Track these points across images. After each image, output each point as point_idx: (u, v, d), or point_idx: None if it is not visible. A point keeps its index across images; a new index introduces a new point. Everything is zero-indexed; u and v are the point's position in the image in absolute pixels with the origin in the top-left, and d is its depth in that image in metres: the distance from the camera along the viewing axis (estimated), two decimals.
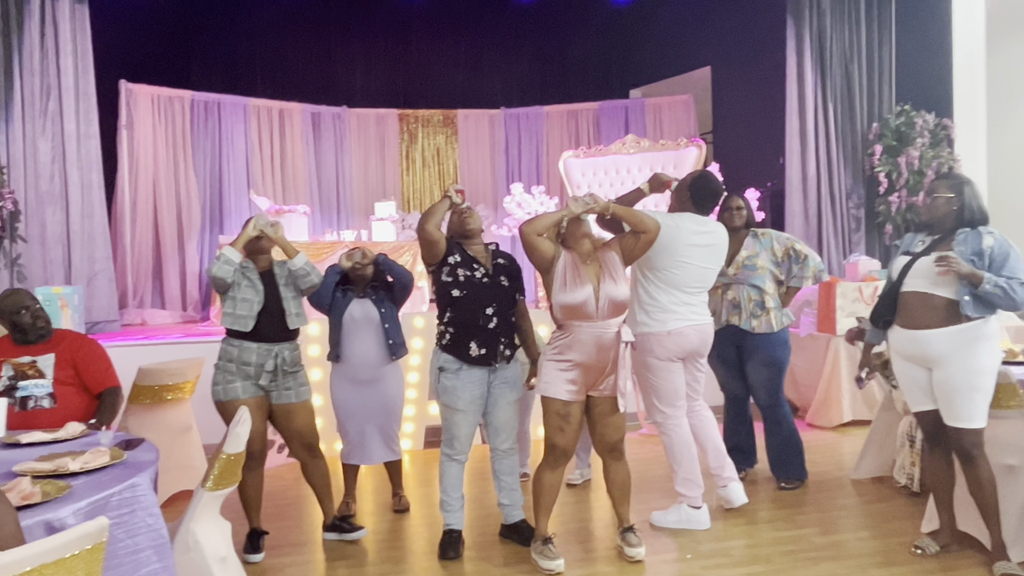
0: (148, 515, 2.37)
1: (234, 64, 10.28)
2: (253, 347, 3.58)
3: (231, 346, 3.60)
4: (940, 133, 7.33)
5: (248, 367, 3.58)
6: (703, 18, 9.46)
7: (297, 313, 3.70)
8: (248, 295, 3.58)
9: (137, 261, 8.58)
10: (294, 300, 3.71)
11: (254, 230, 3.63)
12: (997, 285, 3.09)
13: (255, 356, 3.58)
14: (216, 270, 3.49)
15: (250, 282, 3.61)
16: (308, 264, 3.72)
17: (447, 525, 3.68)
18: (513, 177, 10.47)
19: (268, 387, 3.62)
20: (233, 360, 3.58)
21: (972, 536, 3.46)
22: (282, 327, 3.66)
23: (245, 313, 3.56)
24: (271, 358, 3.60)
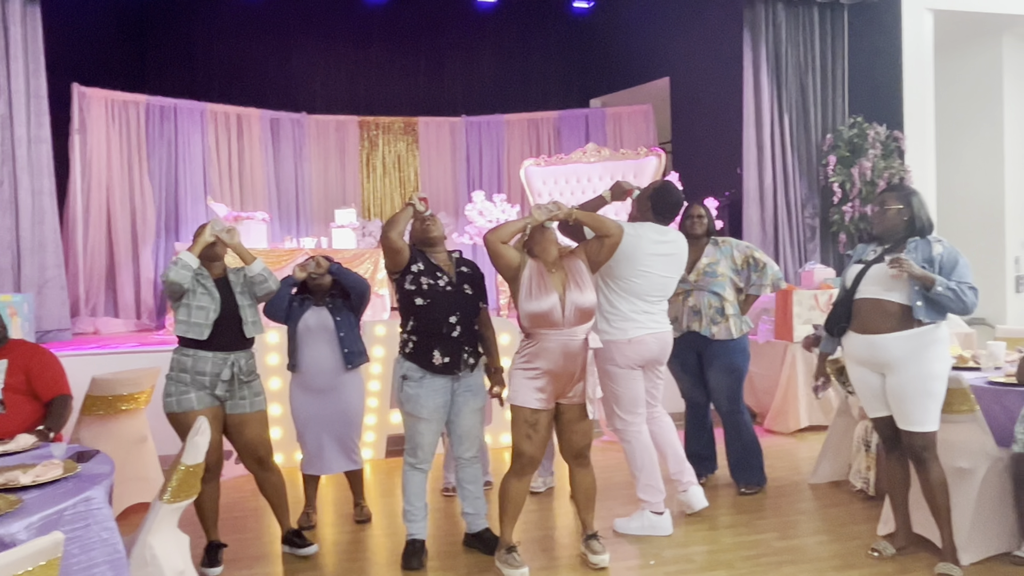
0: (103, 529, 2.31)
1: (191, 68, 10.12)
2: (208, 356, 3.48)
3: (184, 356, 3.49)
4: (891, 145, 7.52)
5: (203, 376, 3.48)
6: (662, 30, 9.59)
7: (253, 321, 3.62)
8: (204, 302, 3.48)
9: (89, 268, 8.37)
10: (250, 308, 3.62)
11: (210, 235, 3.53)
12: (948, 288, 3.19)
13: (210, 365, 3.48)
14: (173, 275, 3.38)
15: (205, 289, 3.51)
16: (265, 270, 3.64)
17: (410, 535, 3.65)
18: (474, 185, 10.47)
19: (223, 396, 3.54)
20: (187, 370, 3.48)
21: (927, 538, 3.54)
22: (238, 335, 3.57)
23: (201, 321, 3.46)
24: (227, 367, 3.51)
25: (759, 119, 7.70)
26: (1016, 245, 8.45)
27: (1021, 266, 8.48)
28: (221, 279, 3.62)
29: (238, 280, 3.65)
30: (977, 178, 8.46)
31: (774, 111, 7.73)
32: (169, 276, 3.39)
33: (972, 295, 3.22)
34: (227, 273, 3.66)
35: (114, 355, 5.75)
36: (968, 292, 3.21)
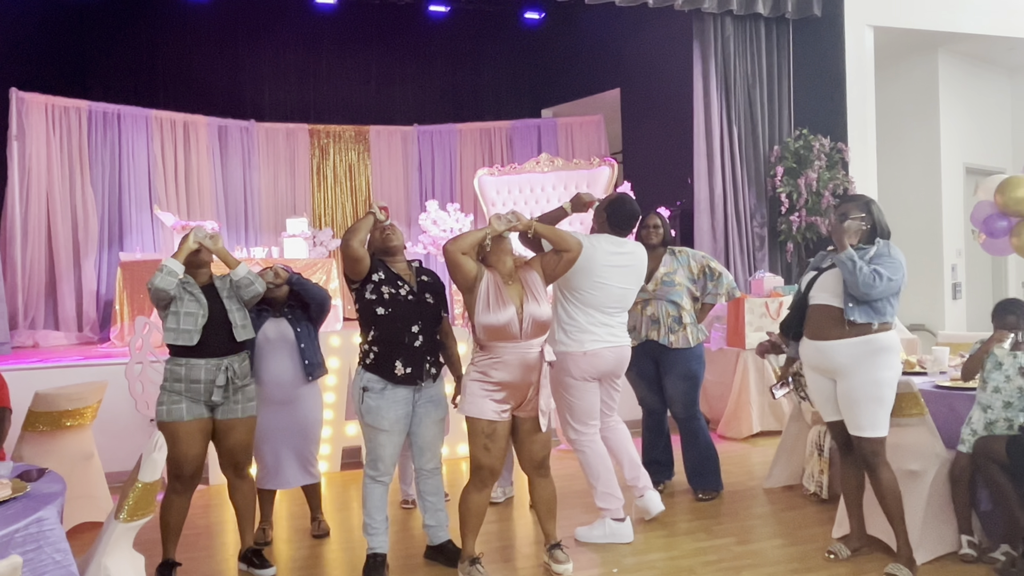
0: (56, 551, 2.22)
1: (136, 74, 9.88)
2: (200, 363, 3.45)
3: (177, 365, 3.45)
4: (835, 156, 7.72)
5: (197, 385, 3.44)
6: (613, 41, 9.70)
7: (243, 325, 3.59)
8: (191, 308, 3.46)
9: (28, 280, 8.08)
10: (239, 312, 3.60)
11: (193, 242, 3.51)
12: (850, 259, 3.28)
13: (203, 373, 3.45)
14: (159, 282, 3.36)
15: (192, 296, 3.49)
16: (251, 273, 3.62)
17: (371, 549, 3.59)
18: (426, 194, 10.44)
19: (219, 402, 3.50)
20: (181, 380, 3.44)
21: (881, 540, 3.63)
22: (229, 340, 3.54)
23: (190, 327, 3.43)
24: (221, 372, 3.48)
25: (709, 130, 7.83)
26: (953, 253, 8.77)
27: (958, 274, 8.80)
28: (207, 286, 3.60)
29: (224, 286, 3.63)
30: (915, 188, 8.76)
31: (723, 122, 7.87)
32: (155, 283, 3.36)
33: (870, 276, 3.24)
34: (213, 280, 3.64)
35: (57, 369, 5.55)
36: (865, 270, 3.25)
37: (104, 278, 8.63)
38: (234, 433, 3.58)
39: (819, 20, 7.92)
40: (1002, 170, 7.94)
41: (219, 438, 3.58)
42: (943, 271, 8.62)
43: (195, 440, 3.47)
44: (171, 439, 3.38)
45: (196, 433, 3.47)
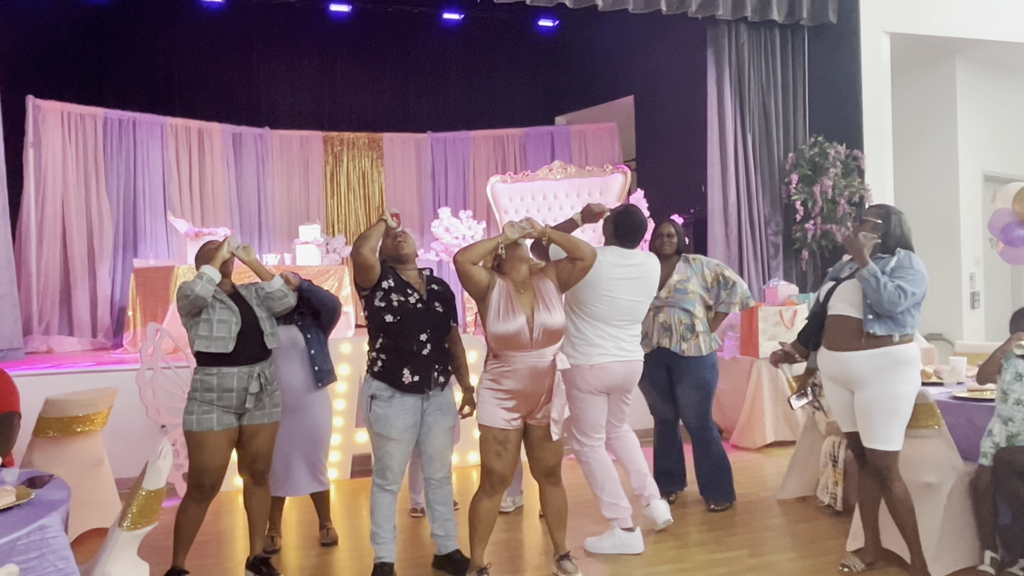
0: (59, 559, 2.21)
1: (151, 82, 9.94)
2: (233, 372, 3.45)
3: (208, 375, 3.44)
4: (851, 164, 7.65)
5: (230, 394, 3.44)
6: (626, 48, 9.68)
7: (272, 333, 3.62)
8: (224, 316, 3.46)
9: (43, 285, 8.13)
10: (268, 320, 3.62)
11: (227, 252, 3.53)
12: (873, 275, 3.21)
13: (236, 381, 3.45)
14: (200, 289, 3.36)
15: (224, 304, 3.49)
16: (285, 286, 3.65)
17: (379, 558, 3.56)
18: (439, 202, 10.43)
19: (251, 408, 3.50)
20: (213, 389, 3.43)
21: (897, 553, 3.57)
22: (261, 347, 3.56)
23: (224, 335, 3.43)
24: (254, 379, 3.49)
25: (723, 137, 7.79)
26: (971, 262, 8.66)
27: (976, 282, 8.68)
28: (233, 294, 3.61)
29: (250, 295, 3.65)
30: (933, 196, 8.66)
31: (737, 130, 7.82)
32: (196, 291, 3.35)
33: (895, 293, 3.19)
34: (236, 288, 3.65)
35: (69, 375, 5.56)
36: (890, 286, 3.19)
37: (118, 284, 8.66)
38: (259, 438, 3.58)
39: (834, 27, 7.86)
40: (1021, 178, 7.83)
41: (243, 443, 3.58)
42: (961, 280, 8.51)
43: (222, 450, 3.47)
44: (198, 448, 3.40)
45: (224, 443, 3.47)
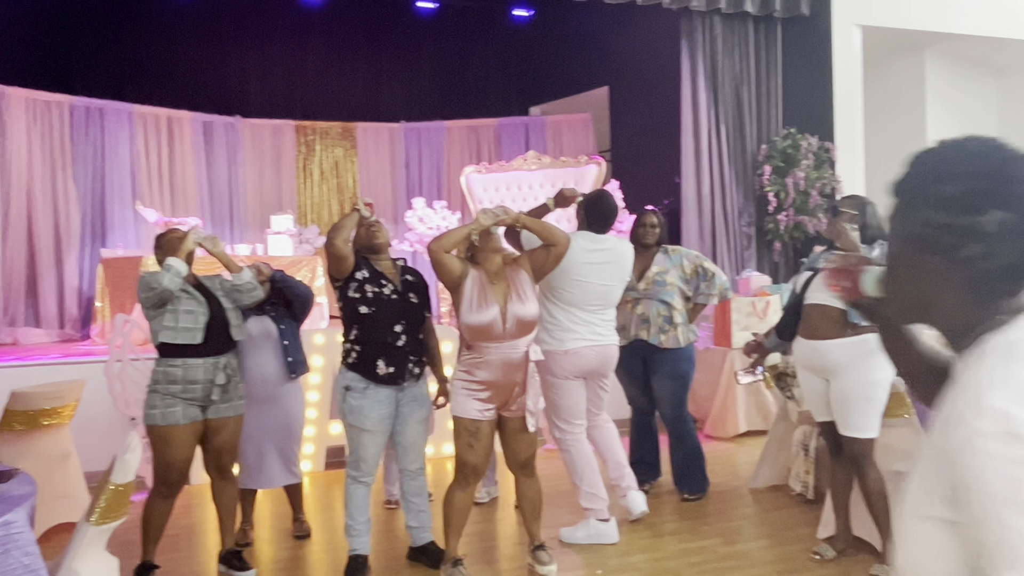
0: (24, 555, 2.16)
1: (119, 68, 9.73)
2: (199, 363, 3.39)
3: (172, 367, 3.37)
4: (823, 155, 7.73)
5: (195, 385, 3.38)
6: (601, 39, 9.67)
7: (238, 325, 3.57)
8: (191, 307, 3.40)
9: (8, 276, 7.97)
10: (234, 312, 3.57)
11: (192, 243, 3.46)
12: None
13: (202, 372, 3.39)
14: (167, 282, 3.28)
15: (190, 295, 3.43)
16: (254, 279, 3.60)
17: (353, 550, 3.54)
18: (414, 192, 10.38)
19: (218, 401, 3.45)
20: (177, 381, 3.36)
21: (867, 541, 3.61)
22: (226, 338, 3.51)
23: (191, 326, 3.37)
24: (220, 371, 3.44)
25: (697, 129, 7.82)
26: None
27: None
28: (197, 285, 3.55)
29: (215, 286, 3.59)
30: None
31: (711, 121, 7.86)
32: (163, 283, 3.28)
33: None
34: (200, 279, 3.59)
35: (35, 367, 5.46)
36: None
37: (86, 275, 8.52)
38: (223, 432, 3.53)
39: (807, 19, 7.91)
40: None
41: (207, 438, 3.52)
42: None
43: (188, 444, 3.42)
44: (163, 443, 3.34)
45: (190, 437, 3.42)
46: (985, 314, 1.00)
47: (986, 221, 0.97)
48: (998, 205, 0.96)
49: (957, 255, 0.99)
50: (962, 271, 0.99)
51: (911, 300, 1.07)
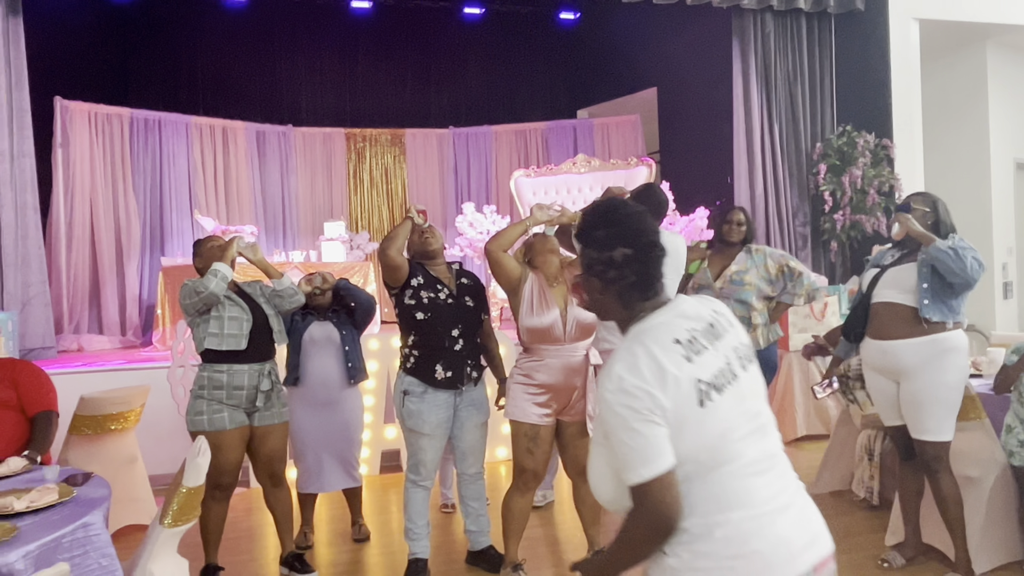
0: (102, 556, 2.22)
1: (175, 81, 10.00)
2: (244, 369, 3.44)
3: (218, 372, 3.42)
4: (880, 153, 7.54)
5: (240, 391, 3.43)
6: (649, 39, 9.59)
7: (280, 330, 3.62)
8: (235, 313, 3.45)
9: (73, 285, 8.22)
10: (276, 318, 3.61)
11: (236, 251, 3.52)
12: (950, 247, 3.12)
13: (247, 379, 3.44)
14: (215, 287, 3.34)
15: (233, 301, 3.48)
16: (294, 284, 3.65)
17: (413, 554, 3.56)
18: (462, 197, 10.42)
19: (262, 408, 3.50)
20: (222, 387, 3.41)
21: (937, 548, 3.51)
22: (269, 345, 3.56)
23: (236, 332, 3.42)
24: (265, 377, 3.49)
25: (749, 128, 7.70)
26: (1003, 251, 8.51)
27: (1009, 272, 8.54)
28: (238, 292, 3.60)
29: (255, 292, 3.63)
30: (964, 185, 8.51)
31: (764, 120, 7.74)
32: (210, 287, 3.33)
33: (975, 263, 3.12)
34: (240, 286, 3.64)
35: (101, 373, 5.61)
36: (968, 255, 3.11)
37: (146, 283, 8.74)
38: (270, 439, 3.56)
39: (862, 14, 7.74)
40: None
41: (255, 445, 3.56)
42: (993, 270, 8.36)
43: (237, 448, 3.47)
44: (213, 448, 3.34)
45: (237, 441, 3.46)
46: (632, 313, 1.61)
47: (616, 255, 1.59)
48: (622, 244, 1.58)
49: (605, 277, 1.61)
50: (611, 287, 1.60)
51: (597, 308, 1.67)
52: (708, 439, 1.48)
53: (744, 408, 1.54)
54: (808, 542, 1.51)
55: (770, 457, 1.56)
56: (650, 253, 1.59)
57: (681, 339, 1.52)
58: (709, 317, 1.61)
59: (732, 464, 1.50)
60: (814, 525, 1.56)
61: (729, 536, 1.46)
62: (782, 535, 1.48)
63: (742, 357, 1.60)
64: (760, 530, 1.47)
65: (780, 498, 1.52)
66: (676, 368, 1.47)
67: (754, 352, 1.66)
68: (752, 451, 1.52)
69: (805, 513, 1.56)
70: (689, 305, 1.61)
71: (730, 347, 1.59)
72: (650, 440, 1.43)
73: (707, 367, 1.51)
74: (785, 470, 1.59)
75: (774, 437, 1.60)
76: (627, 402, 1.45)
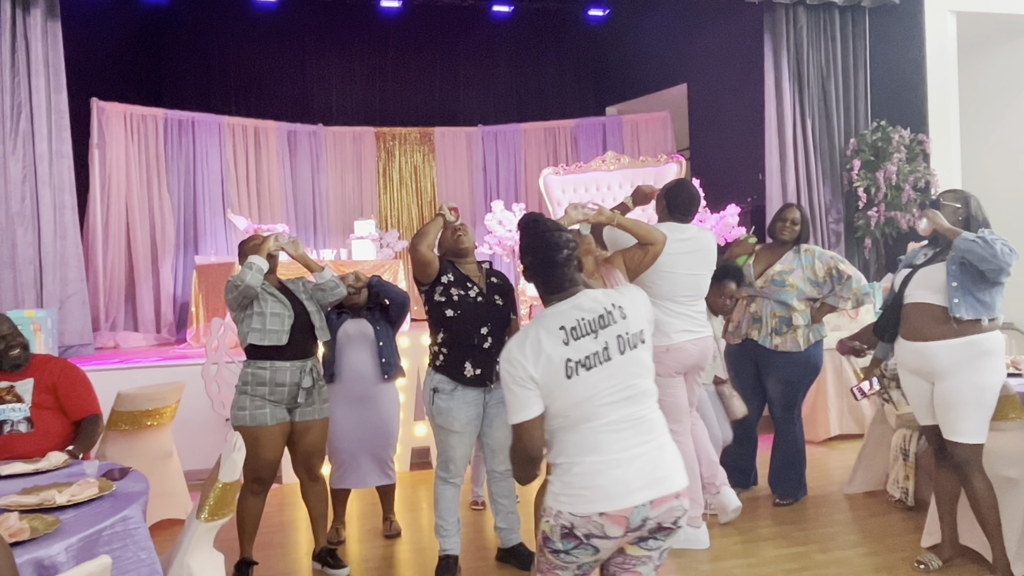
0: (141, 549, 2.26)
1: (208, 82, 10.15)
2: (286, 366, 3.48)
3: (260, 368, 3.47)
4: (916, 148, 7.41)
5: (282, 388, 3.47)
6: (679, 35, 9.53)
7: (322, 327, 3.66)
8: (277, 309, 3.49)
9: (110, 283, 8.37)
10: (318, 314, 3.65)
11: (274, 246, 3.56)
12: (978, 236, 3.06)
13: (289, 375, 3.48)
14: (250, 279, 3.38)
15: (275, 297, 3.53)
16: (335, 277, 3.69)
17: (443, 550, 3.58)
18: (491, 195, 10.43)
19: (302, 404, 3.53)
20: (265, 383, 3.46)
21: (975, 550, 3.45)
22: (311, 341, 3.60)
23: (277, 327, 3.46)
24: (307, 374, 3.53)
25: (781, 124, 7.62)
26: None
27: None
28: (280, 288, 3.63)
29: (299, 289, 3.67)
30: (1003, 181, 8.32)
31: (796, 116, 7.65)
32: (246, 280, 3.37)
33: (1005, 249, 3.06)
34: (283, 283, 3.68)
35: (137, 370, 5.71)
36: (999, 243, 3.05)
37: (180, 281, 8.88)
38: (310, 435, 3.60)
39: (897, 7, 7.62)
40: None
41: (295, 440, 3.61)
42: None
43: (277, 444, 3.51)
44: (253, 443, 3.40)
45: (278, 437, 3.50)
46: (545, 299, 2.12)
47: (526, 261, 2.15)
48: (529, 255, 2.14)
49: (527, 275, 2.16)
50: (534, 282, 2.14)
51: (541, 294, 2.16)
52: (574, 402, 1.97)
53: (613, 383, 1.99)
54: (647, 483, 1.95)
55: (631, 419, 2.00)
56: (546, 263, 2.09)
57: (566, 326, 2.01)
58: (601, 310, 2.04)
59: (594, 422, 1.98)
60: (661, 472, 1.98)
61: (583, 473, 1.96)
62: (622, 477, 1.94)
63: (625, 343, 2.02)
64: (606, 471, 1.94)
65: (631, 451, 1.97)
66: (551, 349, 1.98)
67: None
68: (614, 414, 1.99)
69: (655, 462, 1.98)
70: (587, 298, 2.07)
71: (614, 335, 2.02)
72: (520, 398, 1.98)
73: (581, 350, 1.99)
74: (646, 430, 2.02)
75: (644, 405, 2.04)
76: (509, 369, 2.00)
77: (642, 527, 1.95)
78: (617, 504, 1.92)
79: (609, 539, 1.95)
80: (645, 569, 2.05)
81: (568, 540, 1.97)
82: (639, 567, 2.04)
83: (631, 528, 1.94)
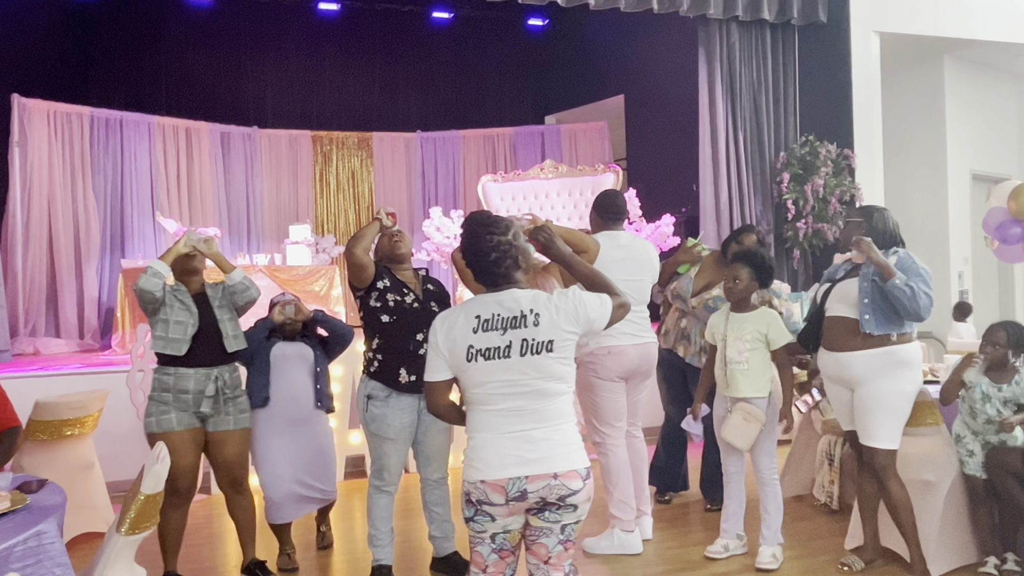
0: (56, 565, 2.17)
1: (138, 80, 9.85)
2: (190, 373, 3.38)
3: (165, 375, 3.39)
4: (842, 163, 7.68)
5: (186, 395, 3.37)
6: (617, 47, 9.67)
7: (235, 335, 3.52)
8: (181, 317, 3.39)
9: (29, 286, 8.03)
10: (231, 322, 3.53)
11: (184, 246, 3.44)
12: (907, 284, 3.18)
13: (192, 383, 3.38)
14: (144, 283, 3.28)
15: (183, 304, 3.42)
16: (246, 278, 3.57)
17: (376, 561, 3.53)
18: (430, 201, 10.40)
19: (209, 413, 3.42)
20: (169, 389, 3.37)
21: (895, 552, 3.57)
22: (219, 350, 3.47)
23: (179, 336, 3.36)
24: (210, 382, 3.41)
25: (714, 136, 7.79)
26: (959, 260, 8.71)
27: (964, 281, 8.74)
28: (199, 294, 3.52)
29: (216, 294, 3.56)
30: (922, 195, 8.71)
31: (728, 128, 7.83)
32: (140, 285, 3.29)
33: (927, 300, 3.19)
34: (205, 288, 3.56)
35: (57, 377, 5.49)
36: (923, 295, 3.19)
37: (106, 285, 8.58)
38: (228, 446, 3.49)
39: (825, 26, 7.88)
40: (1008, 177, 7.89)
41: (212, 452, 3.50)
42: (950, 279, 8.55)
43: (188, 450, 3.39)
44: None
45: (189, 443, 3.39)
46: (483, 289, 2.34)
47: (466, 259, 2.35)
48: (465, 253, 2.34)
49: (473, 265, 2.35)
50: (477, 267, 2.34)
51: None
52: (472, 383, 2.25)
53: (508, 378, 2.21)
54: (523, 461, 2.19)
55: (525, 410, 2.22)
56: (478, 264, 2.30)
57: (481, 316, 2.24)
58: (518, 311, 2.23)
59: (489, 406, 2.24)
60: (538, 453, 2.20)
61: (475, 446, 2.25)
62: (501, 452, 2.20)
63: (528, 347, 2.21)
64: (491, 446, 2.22)
65: (516, 433, 2.21)
66: (461, 333, 2.24)
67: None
68: (507, 404, 2.22)
69: (534, 444, 2.20)
70: (511, 297, 2.26)
71: (520, 337, 2.22)
72: (431, 361, 2.32)
73: (485, 341, 2.22)
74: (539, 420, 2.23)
75: (540, 403, 2.24)
76: (431, 336, 2.31)
77: (524, 498, 2.19)
78: (493, 475, 2.19)
79: (495, 505, 2.20)
80: (550, 541, 2.26)
81: (469, 507, 2.26)
82: (543, 539, 2.26)
83: (511, 497, 2.19)
